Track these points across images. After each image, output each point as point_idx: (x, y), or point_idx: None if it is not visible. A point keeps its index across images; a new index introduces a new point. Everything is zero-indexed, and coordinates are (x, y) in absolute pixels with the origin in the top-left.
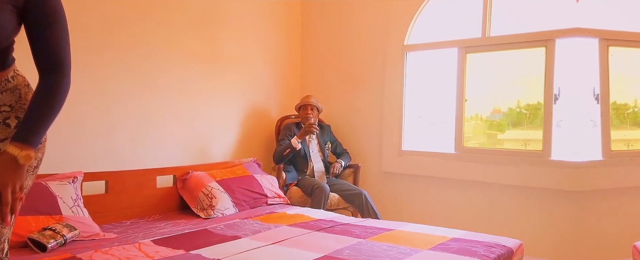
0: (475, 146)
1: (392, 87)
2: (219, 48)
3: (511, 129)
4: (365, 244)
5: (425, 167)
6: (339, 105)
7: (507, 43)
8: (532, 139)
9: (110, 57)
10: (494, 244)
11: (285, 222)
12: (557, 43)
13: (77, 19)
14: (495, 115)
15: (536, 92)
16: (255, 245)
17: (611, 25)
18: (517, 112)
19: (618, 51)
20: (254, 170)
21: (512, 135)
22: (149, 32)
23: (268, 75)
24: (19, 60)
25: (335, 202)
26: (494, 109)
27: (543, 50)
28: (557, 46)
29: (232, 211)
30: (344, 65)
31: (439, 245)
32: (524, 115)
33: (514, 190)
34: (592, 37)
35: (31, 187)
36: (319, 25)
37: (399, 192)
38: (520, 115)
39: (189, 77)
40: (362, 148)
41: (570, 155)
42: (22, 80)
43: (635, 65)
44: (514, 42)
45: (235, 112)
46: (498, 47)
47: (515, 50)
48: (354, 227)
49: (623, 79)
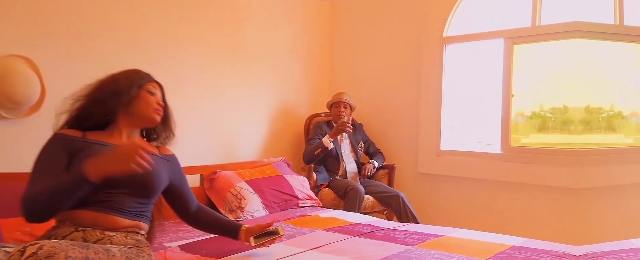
0: (525, 145)
1: (429, 83)
2: (246, 44)
3: (536, 133)
4: (414, 251)
5: (467, 168)
6: (371, 102)
7: (561, 32)
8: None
9: (138, 54)
10: (563, 253)
11: (320, 226)
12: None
13: (105, 18)
14: (518, 118)
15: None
16: (292, 251)
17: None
18: (541, 116)
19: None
20: (284, 171)
21: (535, 140)
22: (177, 29)
23: (296, 72)
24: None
25: (370, 204)
26: (517, 112)
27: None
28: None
29: (262, 213)
30: (377, 59)
31: (500, 254)
32: (548, 119)
33: (568, 193)
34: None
35: None
36: (350, 18)
37: (437, 195)
38: (545, 119)
39: (216, 74)
40: (397, 148)
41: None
42: (146, 245)
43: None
44: (571, 30)
45: (263, 110)
46: (551, 37)
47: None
48: (397, 232)
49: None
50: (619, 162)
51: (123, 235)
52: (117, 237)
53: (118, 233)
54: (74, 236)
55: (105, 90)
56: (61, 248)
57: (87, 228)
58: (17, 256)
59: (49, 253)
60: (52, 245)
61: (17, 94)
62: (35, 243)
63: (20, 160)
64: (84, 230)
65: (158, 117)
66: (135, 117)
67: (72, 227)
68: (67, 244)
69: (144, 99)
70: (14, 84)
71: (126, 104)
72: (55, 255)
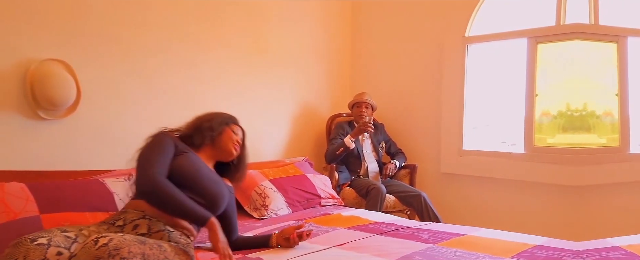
0: (549, 145)
1: (452, 83)
2: (268, 46)
3: (562, 133)
4: (436, 249)
5: (490, 168)
6: (393, 102)
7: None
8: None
9: (165, 57)
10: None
11: (342, 225)
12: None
13: (134, 23)
14: (544, 118)
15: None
16: (314, 248)
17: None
18: (567, 115)
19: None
20: (306, 170)
21: (561, 140)
22: (200, 29)
23: (318, 73)
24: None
25: (391, 204)
26: (542, 112)
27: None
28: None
29: (285, 212)
30: (398, 59)
31: (523, 253)
32: (574, 118)
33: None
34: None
35: (89, 184)
36: (371, 18)
37: (460, 195)
38: (572, 119)
39: (238, 74)
40: (419, 148)
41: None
42: (191, 248)
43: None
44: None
45: (286, 110)
46: (574, 37)
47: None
48: (420, 231)
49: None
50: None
51: (178, 234)
52: (174, 234)
53: (176, 231)
54: (140, 222)
55: (204, 122)
56: (125, 243)
57: (153, 218)
58: (91, 244)
59: (116, 246)
60: (119, 240)
61: (55, 96)
62: (106, 235)
63: (57, 159)
64: (150, 219)
65: (235, 152)
66: (216, 148)
67: (141, 214)
68: (129, 239)
69: (227, 134)
70: (52, 86)
71: (213, 137)
72: (121, 249)
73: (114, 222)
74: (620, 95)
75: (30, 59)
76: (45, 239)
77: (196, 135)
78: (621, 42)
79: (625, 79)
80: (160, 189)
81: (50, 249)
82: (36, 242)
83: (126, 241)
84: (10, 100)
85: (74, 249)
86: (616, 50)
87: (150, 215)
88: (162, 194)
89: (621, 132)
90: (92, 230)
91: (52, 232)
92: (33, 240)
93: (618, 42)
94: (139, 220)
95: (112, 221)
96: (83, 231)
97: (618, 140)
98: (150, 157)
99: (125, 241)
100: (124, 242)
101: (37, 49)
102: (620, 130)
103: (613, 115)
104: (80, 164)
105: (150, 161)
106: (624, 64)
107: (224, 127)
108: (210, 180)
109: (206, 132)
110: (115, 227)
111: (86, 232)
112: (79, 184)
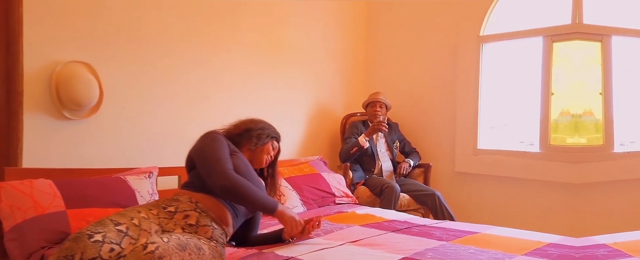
0: (565, 144)
1: (466, 82)
2: (283, 46)
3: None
4: (449, 247)
5: (505, 167)
6: (407, 102)
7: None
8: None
9: (181, 57)
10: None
11: (356, 222)
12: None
13: (152, 25)
14: (563, 117)
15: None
16: (328, 244)
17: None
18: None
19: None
20: (321, 169)
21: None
22: (216, 31)
23: (333, 72)
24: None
25: (405, 202)
26: (562, 111)
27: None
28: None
29: (300, 209)
30: (413, 59)
31: (536, 250)
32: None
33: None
34: None
35: (112, 182)
36: (386, 18)
37: (474, 194)
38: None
39: (254, 73)
40: (433, 147)
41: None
42: (224, 248)
43: None
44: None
45: (300, 110)
46: (592, 37)
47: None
48: (433, 228)
49: None
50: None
51: (220, 232)
52: (217, 232)
53: (220, 229)
54: (191, 214)
55: (256, 129)
56: (169, 252)
57: (203, 212)
58: (140, 249)
59: (161, 255)
60: (164, 249)
61: (79, 97)
62: (154, 242)
63: (81, 157)
64: (200, 213)
65: (265, 163)
66: (252, 154)
67: (193, 206)
68: (173, 247)
69: (267, 147)
70: (76, 87)
71: (257, 144)
72: (164, 257)
73: (166, 207)
74: (604, 94)
75: (56, 61)
76: (101, 235)
77: (244, 138)
78: (605, 41)
79: (609, 78)
80: (239, 185)
81: (104, 246)
82: (93, 238)
83: (170, 249)
84: (38, 101)
85: (124, 243)
86: (600, 49)
87: (202, 209)
88: (241, 190)
89: (605, 131)
90: (143, 217)
91: (106, 227)
92: (90, 237)
93: (602, 40)
94: (190, 212)
95: (163, 205)
96: (134, 220)
97: (602, 140)
98: (221, 155)
99: (169, 249)
100: (167, 251)
101: (62, 51)
102: (604, 129)
103: (593, 114)
104: (102, 161)
105: (222, 160)
106: (608, 63)
107: (268, 140)
108: (255, 181)
109: (254, 139)
110: (166, 211)
111: (136, 220)
112: (102, 181)
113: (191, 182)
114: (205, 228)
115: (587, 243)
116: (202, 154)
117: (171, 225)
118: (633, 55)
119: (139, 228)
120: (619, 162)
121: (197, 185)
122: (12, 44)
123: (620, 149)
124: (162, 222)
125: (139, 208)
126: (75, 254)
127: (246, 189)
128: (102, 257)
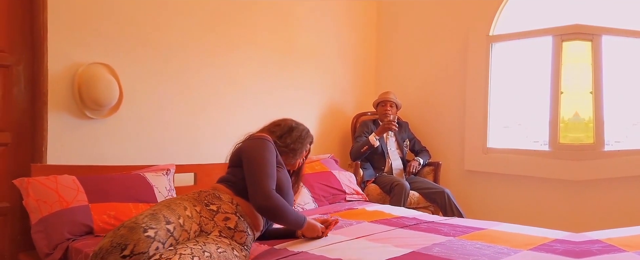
0: (573, 142)
1: (476, 81)
2: (295, 46)
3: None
4: (456, 242)
5: (514, 165)
6: (417, 101)
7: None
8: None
9: (196, 58)
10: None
11: (366, 219)
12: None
13: (169, 23)
14: (577, 117)
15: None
16: (338, 239)
17: None
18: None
19: None
20: (332, 167)
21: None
22: (231, 32)
23: (344, 72)
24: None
25: (415, 200)
26: (576, 112)
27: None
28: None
29: (311, 206)
30: (423, 58)
31: (542, 245)
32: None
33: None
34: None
35: (131, 178)
36: (396, 18)
37: (484, 192)
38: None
39: (267, 73)
40: (443, 145)
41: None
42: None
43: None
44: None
45: (311, 109)
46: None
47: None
48: (441, 225)
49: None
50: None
51: (252, 239)
52: (250, 238)
53: (252, 235)
54: (232, 217)
55: (302, 137)
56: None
57: (242, 217)
58: (173, 255)
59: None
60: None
61: (100, 97)
62: (192, 253)
63: (102, 154)
64: (239, 217)
65: (294, 167)
66: (287, 156)
67: (234, 208)
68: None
69: (301, 150)
70: (97, 88)
71: (294, 147)
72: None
73: (208, 204)
74: (594, 93)
75: (78, 62)
76: (153, 232)
77: (288, 144)
78: (595, 41)
79: (599, 77)
80: (278, 209)
81: (153, 244)
82: (147, 233)
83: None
84: (61, 101)
85: (167, 245)
86: (590, 48)
87: (242, 214)
88: (278, 213)
89: (596, 129)
90: (187, 216)
91: (159, 223)
92: (144, 231)
93: (592, 40)
94: (231, 215)
95: (206, 202)
96: (180, 220)
97: (592, 138)
98: (269, 171)
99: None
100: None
101: (84, 54)
102: (595, 128)
103: (579, 114)
104: (121, 159)
105: (269, 177)
106: (599, 62)
107: (303, 145)
108: (291, 196)
109: (297, 145)
110: (208, 209)
111: (182, 220)
112: (122, 177)
113: (233, 181)
114: (242, 234)
115: (584, 239)
116: (253, 162)
117: (210, 227)
118: (620, 54)
119: (182, 229)
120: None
121: (239, 188)
122: (37, 47)
123: (607, 147)
124: (203, 222)
125: (185, 203)
126: (128, 244)
127: (282, 212)
128: (149, 254)
